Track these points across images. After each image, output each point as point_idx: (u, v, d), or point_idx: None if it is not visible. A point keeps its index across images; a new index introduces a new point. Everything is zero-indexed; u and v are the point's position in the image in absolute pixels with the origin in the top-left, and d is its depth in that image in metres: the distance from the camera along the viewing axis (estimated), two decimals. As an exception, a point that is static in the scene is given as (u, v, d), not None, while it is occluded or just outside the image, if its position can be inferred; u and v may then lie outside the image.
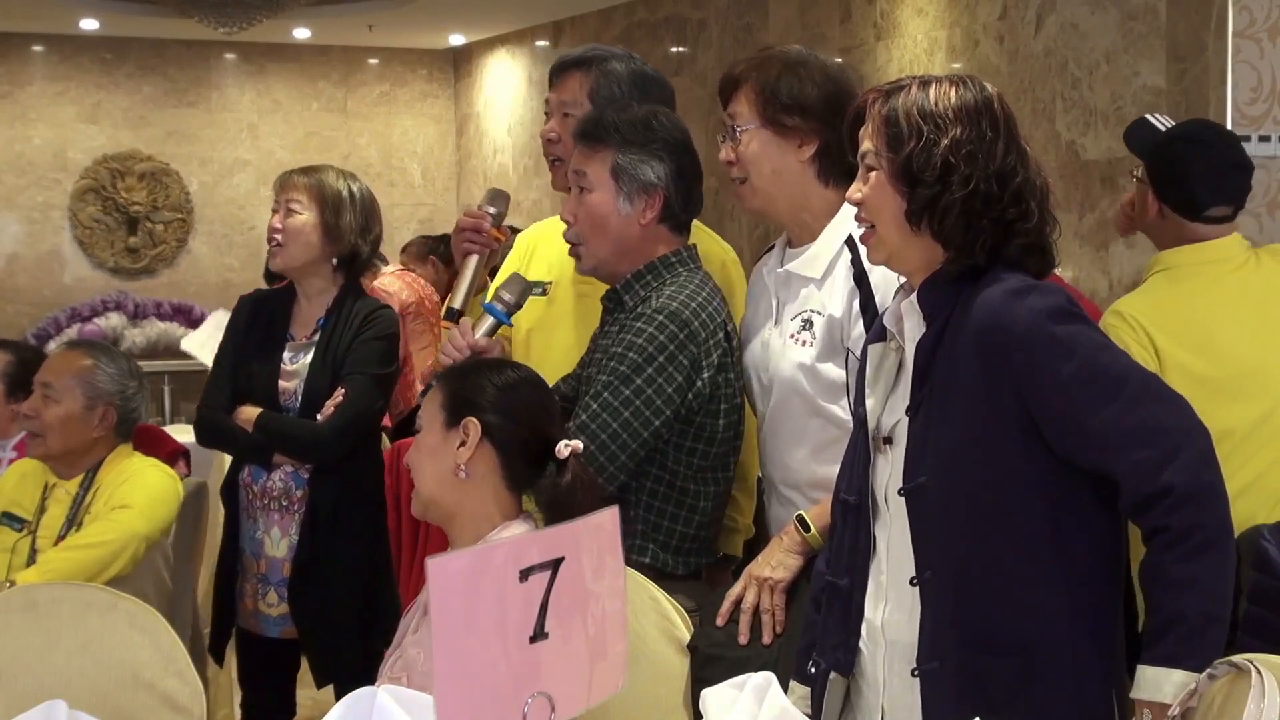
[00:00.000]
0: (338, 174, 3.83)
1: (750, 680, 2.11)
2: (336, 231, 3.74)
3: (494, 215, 3.15)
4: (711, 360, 2.86)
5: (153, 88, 10.64)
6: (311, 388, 3.70)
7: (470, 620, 1.60)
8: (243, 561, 3.77)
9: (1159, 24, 5.80)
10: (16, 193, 10.36)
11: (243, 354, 3.79)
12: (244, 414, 3.72)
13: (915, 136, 2.22)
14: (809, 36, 7.70)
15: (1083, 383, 2.14)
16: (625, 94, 3.20)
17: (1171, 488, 2.09)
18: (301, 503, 3.70)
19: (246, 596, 3.77)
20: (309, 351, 3.74)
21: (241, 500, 3.78)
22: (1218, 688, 2.07)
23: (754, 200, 2.90)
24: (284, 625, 3.73)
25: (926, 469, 2.22)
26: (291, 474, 3.72)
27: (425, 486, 2.56)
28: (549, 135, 3.28)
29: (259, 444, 3.70)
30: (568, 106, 3.25)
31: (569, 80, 3.27)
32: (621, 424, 2.80)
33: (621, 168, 2.93)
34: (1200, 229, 3.29)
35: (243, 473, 3.78)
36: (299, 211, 3.74)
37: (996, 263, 2.24)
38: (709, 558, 3.03)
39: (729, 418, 2.92)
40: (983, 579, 2.20)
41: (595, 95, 3.22)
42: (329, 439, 3.63)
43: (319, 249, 3.74)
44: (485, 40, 10.85)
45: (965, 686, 2.19)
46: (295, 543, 3.68)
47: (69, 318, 9.92)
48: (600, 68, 3.24)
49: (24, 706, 2.23)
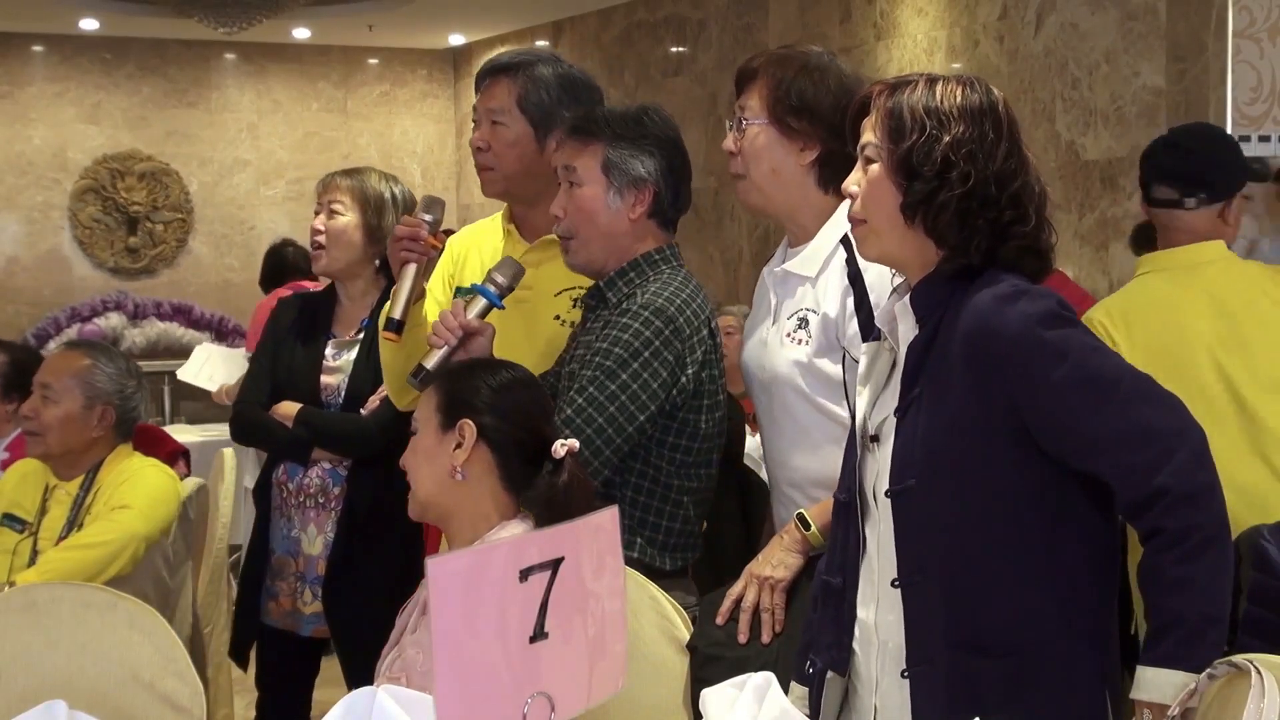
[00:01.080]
0: (380, 176, 3.84)
1: (750, 680, 2.11)
2: (379, 233, 3.74)
3: (430, 223, 3.06)
4: (695, 357, 2.87)
5: (153, 88, 10.64)
6: (355, 384, 3.70)
7: (470, 620, 1.60)
8: (275, 562, 3.75)
9: (1159, 24, 5.81)
10: (16, 193, 10.37)
11: (282, 351, 3.79)
12: (282, 409, 3.71)
13: (918, 130, 2.23)
14: (809, 37, 7.70)
15: (1075, 386, 2.13)
16: (554, 99, 3.19)
17: (1167, 489, 2.09)
18: (339, 500, 3.69)
19: (282, 596, 3.75)
20: (353, 349, 3.74)
21: (274, 499, 3.77)
22: (1217, 688, 2.07)
23: (751, 196, 2.91)
24: (318, 624, 3.71)
25: (915, 471, 2.22)
26: (329, 471, 3.71)
27: (422, 488, 2.57)
28: (478, 144, 3.25)
29: (300, 439, 3.69)
30: (496, 114, 3.22)
31: (496, 87, 3.24)
32: (607, 419, 2.80)
33: (612, 162, 2.93)
34: (1175, 230, 3.34)
35: (277, 470, 3.77)
36: (341, 213, 3.75)
37: (992, 265, 2.23)
38: (696, 553, 3.04)
39: (712, 414, 2.93)
40: (972, 581, 2.19)
41: (524, 101, 3.20)
42: (376, 431, 3.62)
43: (361, 250, 3.74)
44: (485, 40, 10.85)
45: (956, 689, 2.19)
46: (331, 540, 3.68)
47: (69, 318, 9.92)
48: (527, 73, 3.21)
49: (24, 706, 2.23)
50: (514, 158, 3.22)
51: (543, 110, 3.20)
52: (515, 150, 3.22)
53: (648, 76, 9.06)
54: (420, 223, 3.05)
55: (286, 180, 10.82)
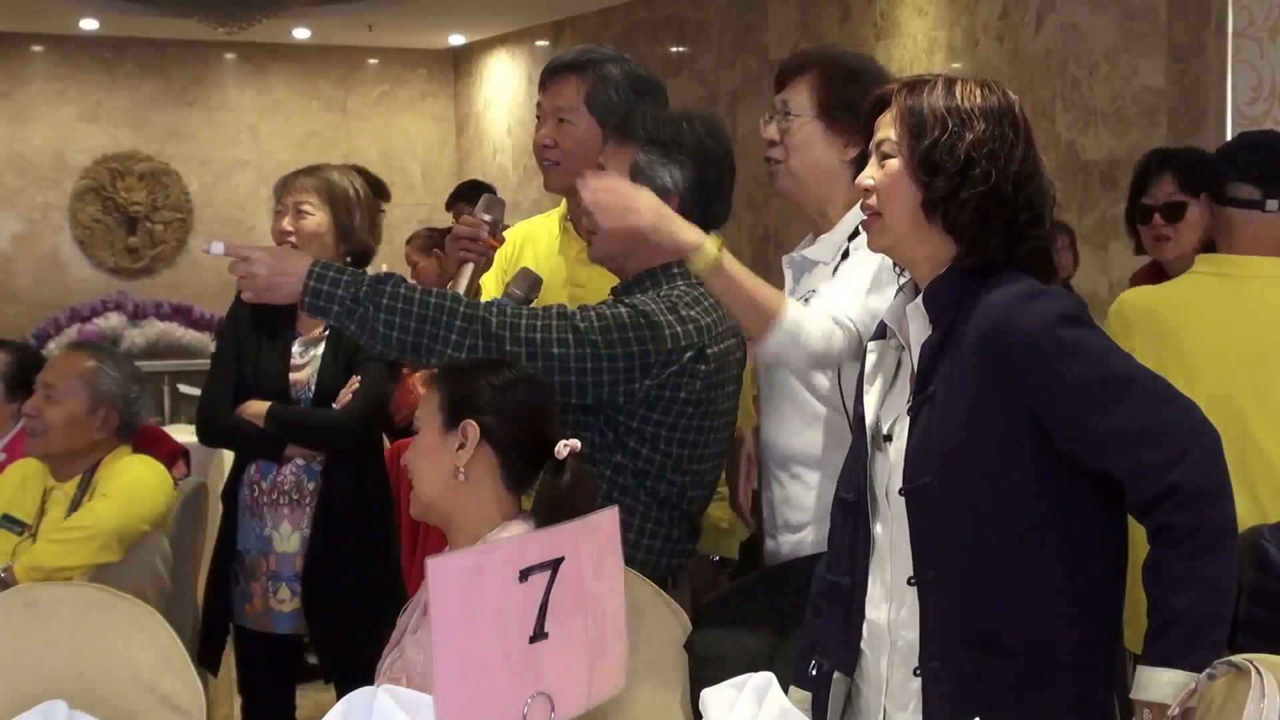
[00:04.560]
0: (340, 172, 3.81)
1: (750, 680, 2.11)
2: (350, 231, 3.73)
3: (490, 223, 3.08)
4: (661, 375, 2.81)
5: (153, 88, 10.64)
6: (324, 379, 3.69)
7: (470, 620, 1.60)
8: (246, 562, 3.74)
9: (1159, 24, 5.81)
10: (16, 193, 10.37)
11: (246, 351, 3.77)
12: (251, 408, 3.70)
13: (940, 128, 2.24)
14: (809, 36, 7.70)
15: (1090, 385, 2.14)
16: (622, 98, 3.17)
17: (1179, 486, 2.10)
18: (314, 496, 3.68)
19: (255, 596, 3.73)
20: (319, 345, 3.73)
21: (244, 500, 3.74)
22: (1217, 688, 2.07)
23: (785, 182, 2.96)
24: (296, 621, 3.70)
25: (929, 470, 2.22)
26: (303, 467, 3.70)
27: (424, 489, 2.56)
28: (544, 141, 3.24)
29: (272, 437, 3.68)
30: (563, 112, 3.20)
31: (564, 85, 3.22)
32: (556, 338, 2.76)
33: (639, 168, 2.91)
34: (1247, 232, 3.29)
35: (249, 470, 3.75)
36: (311, 213, 3.72)
37: (1007, 264, 2.25)
38: (686, 557, 3.04)
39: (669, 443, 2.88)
40: (986, 581, 2.20)
41: (592, 100, 3.18)
42: (352, 423, 3.64)
43: (334, 250, 3.72)
44: (485, 40, 10.86)
45: (966, 688, 2.19)
46: (307, 537, 3.67)
47: (69, 318, 9.92)
48: (596, 71, 3.20)
49: (24, 706, 2.23)
50: (580, 156, 3.17)
51: (610, 109, 3.17)
52: (582, 148, 3.19)
53: (648, 76, 9.05)
54: (480, 223, 3.07)
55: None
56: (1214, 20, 5.56)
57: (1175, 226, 3.76)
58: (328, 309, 2.68)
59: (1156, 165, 3.88)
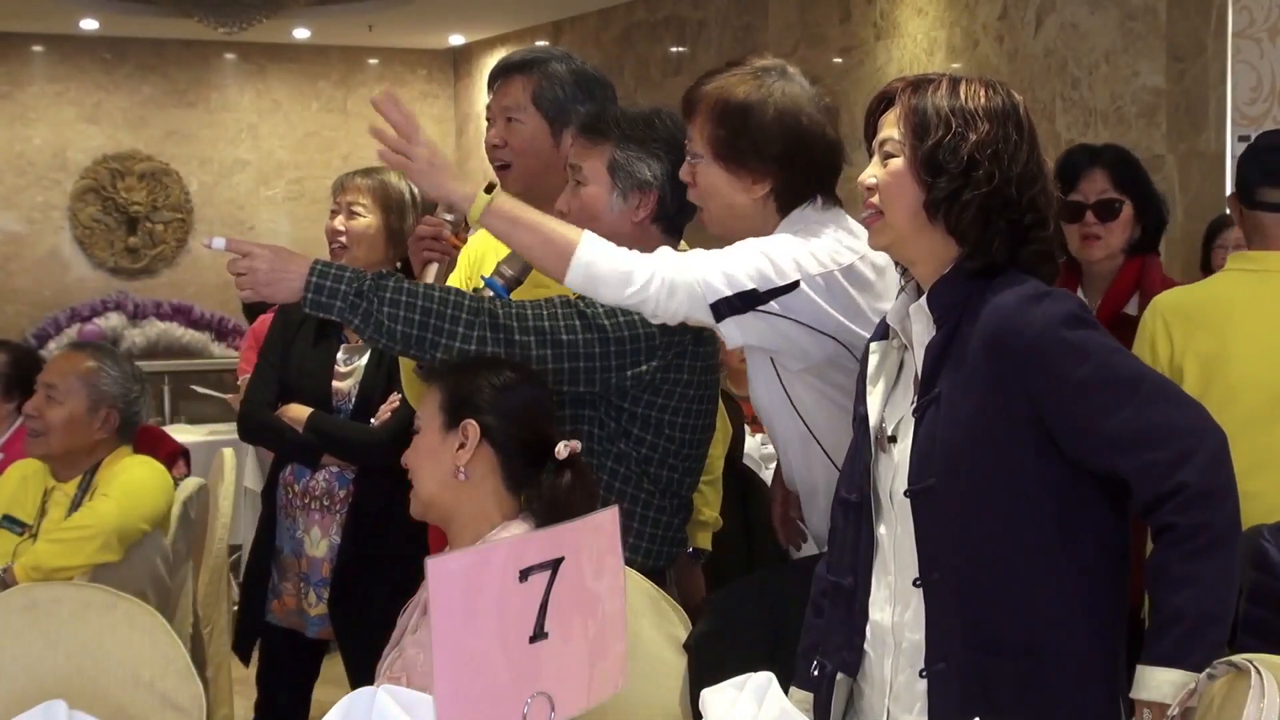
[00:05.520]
0: (398, 176, 3.80)
1: (750, 680, 2.11)
2: (400, 235, 3.72)
3: (452, 222, 3.06)
4: (666, 356, 2.83)
5: (153, 88, 10.64)
6: (366, 390, 3.69)
7: (470, 620, 1.60)
8: (281, 561, 3.76)
9: (1159, 24, 5.81)
10: (16, 193, 10.37)
11: (292, 352, 3.77)
12: (292, 412, 3.71)
13: (944, 128, 2.24)
14: (809, 36, 7.71)
15: (1096, 386, 2.15)
16: (569, 96, 3.18)
17: (1184, 486, 2.10)
18: (344, 503, 3.68)
19: (287, 595, 3.75)
20: (364, 354, 3.72)
21: (280, 499, 3.77)
22: (1217, 688, 2.07)
23: (712, 228, 2.82)
24: (323, 625, 3.71)
25: (934, 471, 2.22)
26: (337, 474, 3.71)
27: (424, 488, 2.56)
28: (494, 141, 3.24)
29: (307, 444, 3.68)
30: (511, 111, 3.21)
31: (511, 85, 3.23)
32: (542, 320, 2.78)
33: (618, 164, 2.92)
34: (1271, 235, 3.29)
35: (284, 471, 3.76)
36: (362, 214, 3.73)
37: (1011, 265, 2.25)
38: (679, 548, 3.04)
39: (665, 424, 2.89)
40: (991, 582, 2.20)
41: (539, 98, 3.19)
42: (386, 443, 3.54)
43: (383, 252, 3.72)
44: (485, 40, 10.86)
45: (970, 688, 2.19)
46: (335, 543, 3.67)
47: (69, 318, 9.93)
48: (542, 69, 3.21)
49: (24, 706, 2.23)
50: (530, 154, 3.20)
51: (558, 106, 3.18)
52: (531, 146, 3.20)
53: (647, 76, 9.06)
54: (442, 222, 3.06)
55: (286, 180, 10.82)
56: (1214, 20, 5.56)
57: (1107, 226, 3.69)
58: (330, 305, 2.67)
59: (1087, 161, 3.82)
